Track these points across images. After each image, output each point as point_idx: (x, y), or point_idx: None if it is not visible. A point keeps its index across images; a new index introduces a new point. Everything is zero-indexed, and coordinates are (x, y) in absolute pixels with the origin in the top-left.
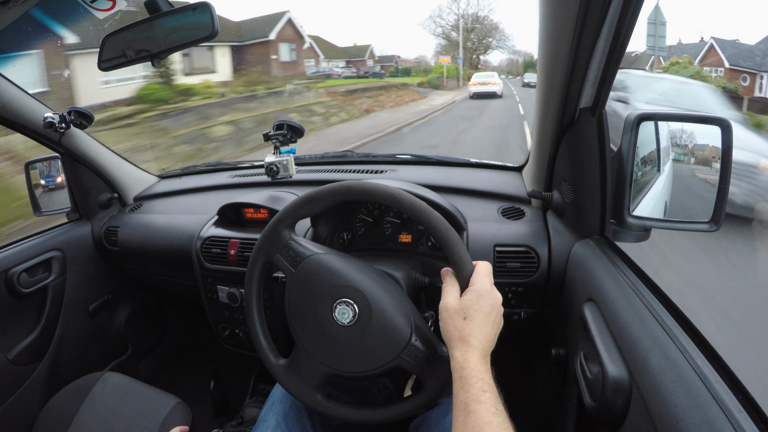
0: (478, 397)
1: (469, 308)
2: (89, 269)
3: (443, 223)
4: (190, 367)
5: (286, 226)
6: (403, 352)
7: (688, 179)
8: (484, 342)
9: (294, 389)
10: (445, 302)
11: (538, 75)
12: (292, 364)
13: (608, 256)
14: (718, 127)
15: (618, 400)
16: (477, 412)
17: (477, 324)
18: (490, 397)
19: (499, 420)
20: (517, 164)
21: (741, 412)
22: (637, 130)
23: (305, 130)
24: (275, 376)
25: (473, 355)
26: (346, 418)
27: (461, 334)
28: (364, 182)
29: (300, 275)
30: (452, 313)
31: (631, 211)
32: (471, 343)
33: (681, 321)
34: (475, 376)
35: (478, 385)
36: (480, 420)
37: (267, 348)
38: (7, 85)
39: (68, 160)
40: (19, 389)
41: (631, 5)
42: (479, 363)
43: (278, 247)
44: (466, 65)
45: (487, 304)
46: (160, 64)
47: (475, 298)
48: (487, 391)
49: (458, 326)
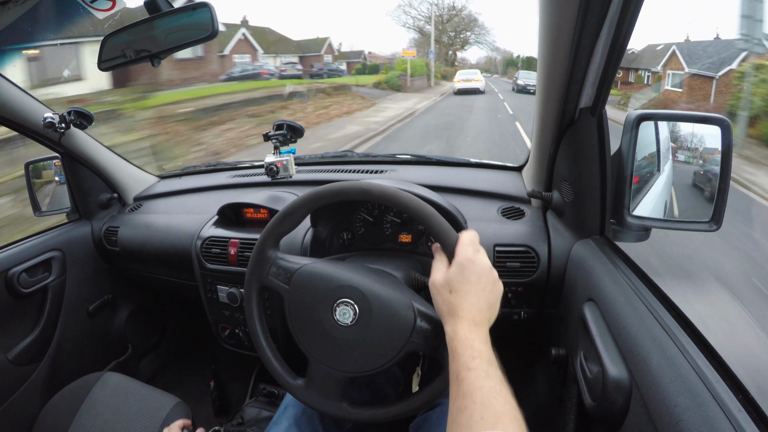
0: (467, 364)
1: (453, 281)
2: (89, 269)
3: (416, 200)
4: (190, 367)
5: (270, 246)
6: (412, 335)
7: (689, 179)
8: (473, 311)
9: (318, 404)
10: (433, 278)
11: (538, 75)
12: (309, 380)
13: (608, 256)
14: (718, 127)
15: (618, 400)
16: (467, 379)
17: (463, 295)
18: (479, 363)
19: (490, 384)
20: (517, 164)
21: (741, 412)
22: (637, 129)
23: None
24: (297, 396)
25: (461, 326)
26: (379, 419)
27: (449, 307)
28: (332, 185)
29: (294, 289)
30: (439, 289)
31: (631, 210)
32: (459, 314)
33: (681, 321)
34: (464, 345)
35: (467, 353)
36: (470, 386)
37: (282, 371)
38: (7, 85)
39: (68, 160)
40: (19, 389)
41: (631, 5)
42: (468, 332)
43: (268, 270)
44: (441, 62)
45: (471, 273)
46: (159, 64)
47: (459, 269)
48: (476, 358)
49: (446, 300)
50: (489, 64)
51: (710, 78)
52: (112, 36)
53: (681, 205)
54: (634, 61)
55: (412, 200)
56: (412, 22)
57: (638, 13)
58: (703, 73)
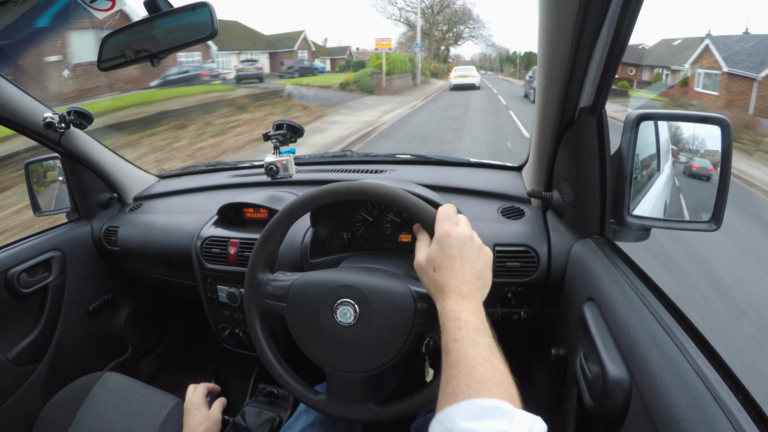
0: (454, 335)
1: (434, 258)
2: (89, 269)
3: (383, 186)
4: (190, 367)
5: (259, 270)
6: (415, 318)
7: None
8: (459, 284)
9: (347, 413)
10: (417, 260)
11: (537, 74)
12: (330, 392)
13: (608, 256)
14: (718, 127)
15: (618, 399)
16: (454, 350)
17: (447, 271)
18: (466, 333)
19: (476, 352)
20: (516, 164)
21: (741, 412)
22: (637, 129)
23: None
24: (325, 412)
25: (448, 300)
26: (410, 409)
27: (435, 285)
28: (304, 195)
29: (292, 304)
30: (424, 269)
31: (630, 210)
32: (445, 290)
33: (681, 321)
34: (450, 318)
35: (453, 325)
36: (457, 356)
37: (302, 390)
38: (7, 85)
39: (68, 160)
40: (19, 389)
41: (631, 5)
42: (455, 304)
43: (263, 293)
44: (431, 57)
45: (452, 248)
46: (159, 64)
47: (438, 246)
48: (462, 328)
49: (432, 279)
50: (484, 60)
51: (750, 79)
52: (111, 36)
53: (680, 205)
54: (648, 57)
55: (380, 187)
56: (399, 14)
57: (638, 13)
58: (742, 73)
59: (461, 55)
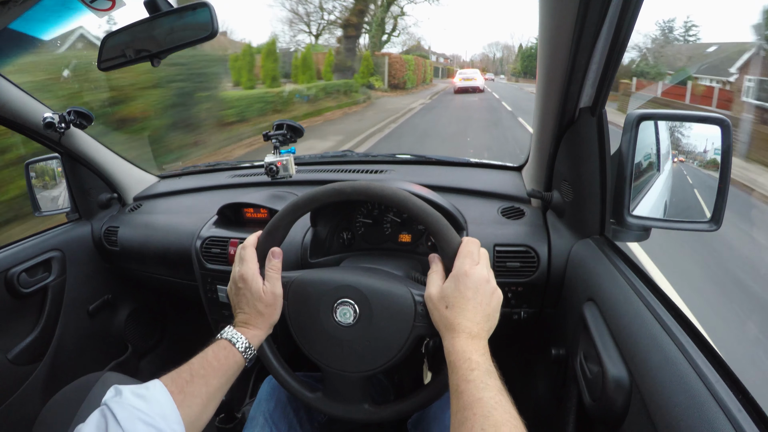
0: (466, 376)
1: (449, 296)
2: (89, 269)
3: (411, 199)
4: None
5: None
6: (415, 320)
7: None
8: (470, 325)
9: (343, 412)
10: (428, 292)
11: (537, 74)
12: (327, 390)
13: (608, 256)
14: (718, 127)
15: (618, 399)
16: (466, 391)
17: (459, 311)
18: (477, 375)
19: (489, 395)
20: (516, 164)
21: (741, 412)
22: (637, 129)
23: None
24: (319, 410)
25: (459, 339)
26: (405, 411)
27: (446, 323)
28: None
29: (292, 302)
30: (436, 304)
31: (631, 210)
32: (456, 329)
33: (681, 321)
34: (461, 358)
35: (465, 365)
36: (470, 398)
37: (299, 388)
38: (7, 85)
39: (68, 160)
40: (19, 389)
41: (631, 5)
42: (466, 344)
43: None
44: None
45: (467, 288)
46: (159, 64)
47: (454, 285)
48: (474, 370)
49: (442, 315)
50: (486, 62)
51: None
52: (111, 36)
53: (681, 205)
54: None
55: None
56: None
57: (638, 13)
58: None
59: (459, 56)
